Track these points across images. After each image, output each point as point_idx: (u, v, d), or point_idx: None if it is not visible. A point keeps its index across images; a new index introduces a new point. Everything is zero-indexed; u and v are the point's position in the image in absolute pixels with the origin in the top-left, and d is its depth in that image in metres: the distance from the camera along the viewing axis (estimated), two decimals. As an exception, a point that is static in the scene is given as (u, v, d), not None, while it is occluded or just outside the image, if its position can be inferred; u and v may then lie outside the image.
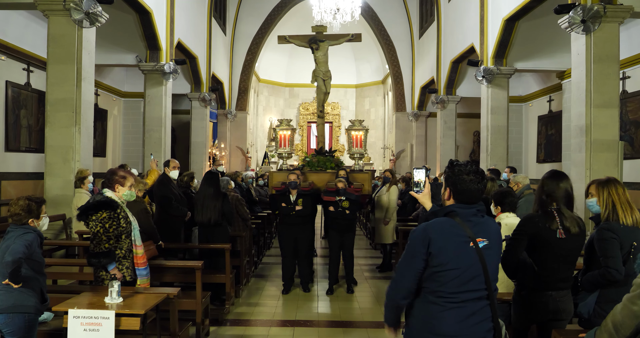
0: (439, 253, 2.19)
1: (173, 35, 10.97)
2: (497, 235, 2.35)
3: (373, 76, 22.50)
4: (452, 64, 13.37)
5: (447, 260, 2.19)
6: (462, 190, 2.27)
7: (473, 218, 2.28)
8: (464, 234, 2.22)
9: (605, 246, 2.89)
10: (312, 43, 8.41)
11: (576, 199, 6.95)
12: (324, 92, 8.55)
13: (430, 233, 2.22)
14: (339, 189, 6.57)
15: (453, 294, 2.20)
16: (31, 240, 3.19)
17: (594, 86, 6.93)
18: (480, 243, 2.22)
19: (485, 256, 2.22)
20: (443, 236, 2.21)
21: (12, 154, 9.16)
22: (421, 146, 17.59)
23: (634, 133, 9.26)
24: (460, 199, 2.29)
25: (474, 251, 2.21)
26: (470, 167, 2.29)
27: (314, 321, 5.49)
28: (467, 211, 2.27)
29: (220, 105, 17.27)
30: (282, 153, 8.18)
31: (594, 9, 6.73)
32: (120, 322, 3.17)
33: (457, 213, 2.25)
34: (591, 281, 2.97)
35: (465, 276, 2.20)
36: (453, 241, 2.21)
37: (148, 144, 10.56)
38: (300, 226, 6.58)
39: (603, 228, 2.95)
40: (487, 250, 2.24)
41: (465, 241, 2.21)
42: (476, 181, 2.27)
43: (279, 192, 6.77)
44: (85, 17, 6.96)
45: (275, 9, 18.08)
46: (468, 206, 2.28)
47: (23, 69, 9.47)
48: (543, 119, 13.78)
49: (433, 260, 2.20)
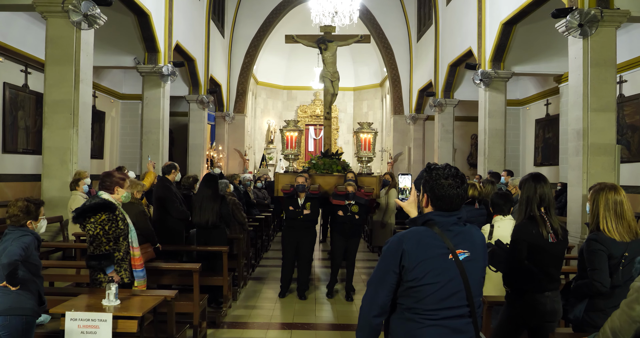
0: (413, 266, 2.00)
1: (171, 37, 10.98)
2: (481, 246, 2.14)
3: (371, 79, 22.54)
4: (450, 67, 13.40)
5: (422, 274, 1.99)
6: (440, 196, 2.06)
7: (453, 227, 2.08)
8: (442, 245, 2.02)
9: (591, 258, 2.89)
10: (321, 43, 8.32)
11: (572, 201, 7.02)
12: (332, 94, 8.46)
13: (404, 245, 2.02)
14: (348, 193, 6.38)
15: (431, 311, 2.01)
16: (28, 242, 3.18)
17: (591, 90, 6.96)
18: (460, 255, 2.03)
19: (466, 269, 2.02)
20: (418, 247, 2.01)
21: (9, 155, 9.14)
22: (419, 149, 17.61)
23: (630, 137, 9.29)
24: (439, 206, 2.08)
25: (453, 264, 2.01)
26: (449, 171, 2.09)
27: (312, 324, 5.48)
28: (446, 220, 2.07)
29: (218, 107, 17.27)
30: (289, 154, 7.94)
31: (591, 13, 6.76)
32: (117, 325, 3.16)
33: (436, 222, 2.06)
34: (578, 290, 2.99)
35: (444, 292, 2.00)
36: (430, 253, 2.01)
37: (146, 146, 10.55)
38: (305, 231, 6.46)
39: (591, 238, 2.93)
40: (469, 262, 2.04)
41: (444, 253, 2.02)
42: (455, 185, 2.06)
43: (287, 195, 6.62)
44: (83, 19, 6.96)
45: (274, 12, 18.11)
46: (448, 213, 2.08)
47: (21, 71, 9.46)
48: (540, 123, 13.82)
49: (407, 274, 2.01)
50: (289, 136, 7.98)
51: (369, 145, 7.78)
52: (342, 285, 6.86)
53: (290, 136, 7.98)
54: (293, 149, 7.95)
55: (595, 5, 6.86)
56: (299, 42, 8.57)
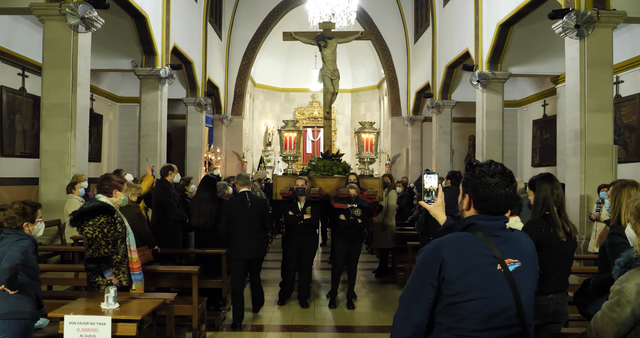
0: (455, 278, 1.71)
1: (169, 40, 10.98)
2: (532, 254, 1.86)
3: (369, 80, 22.58)
4: (447, 68, 13.44)
5: (467, 287, 1.70)
6: (485, 196, 1.80)
7: (500, 233, 1.81)
8: (488, 253, 1.74)
9: (614, 251, 2.91)
10: (320, 40, 7.98)
11: (570, 202, 7.03)
12: (332, 93, 8.08)
13: (443, 253, 1.74)
14: (350, 196, 6.06)
15: (476, 332, 1.72)
16: (26, 246, 3.17)
17: (588, 91, 6.98)
18: (510, 265, 1.75)
19: (517, 281, 1.74)
20: (461, 256, 1.73)
21: (6, 159, 9.12)
22: (417, 150, 17.64)
23: (627, 137, 9.32)
24: (484, 209, 1.82)
25: (502, 275, 1.73)
26: (495, 167, 1.83)
27: (311, 326, 5.47)
28: (492, 224, 1.80)
29: (216, 110, 17.27)
30: (288, 156, 7.46)
31: (587, 14, 6.79)
32: (116, 328, 3.16)
33: (480, 227, 1.79)
34: (601, 284, 2.99)
35: (491, 309, 1.71)
36: (474, 262, 1.73)
37: (143, 149, 10.54)
38: (306, 236, 6.12)
39: (614, 233, 2.97)
40: (519, 273, 1.76)
41: (491, 263, 1.74)
42: (503, 184, 1.80)
43: (285, 198, 6.24)
44: (80, 22, 6.96)
45: (271, 14, 18.13)
46: (494, 217, 1.81)
47: (18, 74, 9.45)
48: (538, 124, 13.85)
49: (448, 288, 1.72)
50: (287, 136, 7.55)
51: (371, 146, 7.34)
52: (343, 293, 6.53)
53: (289, 137, 7.55)
54: (292, 150, 7.50)
55: (592, 6, 6.89)
56: (297, 40, 8.19)
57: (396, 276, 7.70)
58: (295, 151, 7.50)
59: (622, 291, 1.97)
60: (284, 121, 7.73)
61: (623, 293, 1.96)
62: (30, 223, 3.31)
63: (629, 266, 2.08)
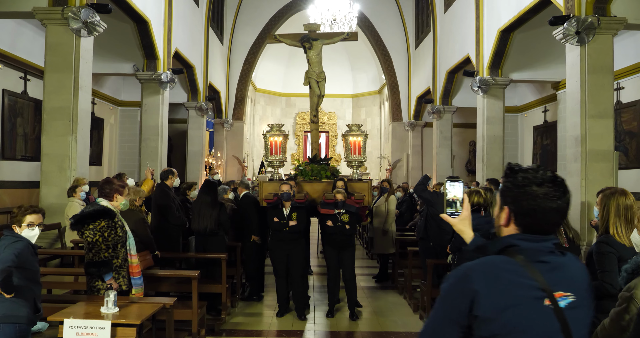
0: (491, 317, 1.36)
1: (170, 44, 11.02)
2: (587, 285, 1.46)
3: (369, 86, 22.62)
4: (448, 74, 13.46)
5: (505, 328, 1.35)
6: (529, 210, 1.42)
7: (549, 258, 1.42)
8: (533, 284, 1.37)
9: (601, 260, 2.90)
10: (305, 42, 7.73)
11: (571, 208, 7.01)
12: (318, 95, 7.82)
13: (475, 283, 1.37)
14: (337, 201, 5.85)
15: None
16: (20, 248, 3.16)
17: (588, 97, 6.99)
18: (561, 300, 1.38)
19: (569, 320, 1.37)
20: (497, 287, 1.36)
21: (7, 162, 9.13)
22: (417, 155, 17.64)
23: (628, 143, 9.33)
24: (527, 226, 1.44)
25: (551, 313, 1.37)
26: (544, 174, 1.44)
27: (311, 331, 5.45)
28: (538, 246, 1.42)
29: (217, 114, 17.29)
30: (273, 161, 7.12)
31: (588, 20, 6.81)
32: (116, 332, 3.15)
33: (522, 249, 1.42)
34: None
35: None
36: (515, 296, 1.36)
37: (144, 153, 10.55)
38: (293, 242, 5.92)
39: (601, 241, 2.96)
40: (572, 310, 1.39)
41: (537, 297, 1.37)
42: (554, 196, 1.41)
43: (270, 204, 6.03)
44: (83, 26, 6.98)
45: (272, 19, 18.19)
46: (540, 237, 1.43)
47: (20, 78, 9.48)
48: (538, 129, 13.87)
49: (481, 328, 1.36)
50: (273, 141, 7.19)
51: (359, 148, 7.12)
52: (344, 303, 6.19)
53: (274, 141, 7.19)
54: (277, 155, 7.14)
55: (592, 12, 6.91)
56: (281, 42, 7.98)
57: (396, 282, 7.68)
58: (281, 155, 7.18)
59: (632, 298, 1.93)
60: (268, 125, 7.36)
61: (634, 301, 1.92)
62: (17, 227, 3.29)
63: (637, 273, 2.05)
